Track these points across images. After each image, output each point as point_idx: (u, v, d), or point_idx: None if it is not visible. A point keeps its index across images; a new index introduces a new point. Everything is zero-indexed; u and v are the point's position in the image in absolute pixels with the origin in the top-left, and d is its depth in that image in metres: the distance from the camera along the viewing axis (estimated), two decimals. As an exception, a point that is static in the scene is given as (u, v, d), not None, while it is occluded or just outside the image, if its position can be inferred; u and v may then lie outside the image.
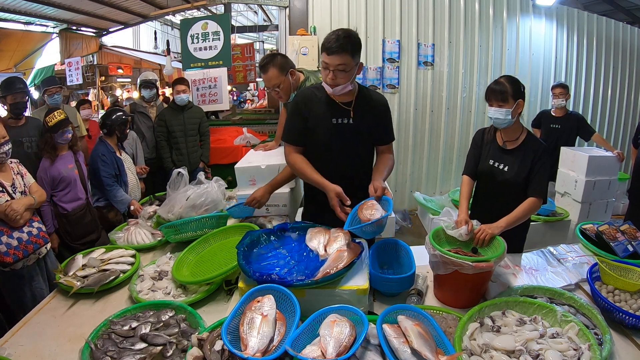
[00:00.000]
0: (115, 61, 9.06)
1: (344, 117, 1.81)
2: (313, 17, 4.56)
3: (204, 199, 2.22)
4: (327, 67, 1.68)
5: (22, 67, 7.02)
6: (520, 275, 1.81)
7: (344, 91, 1.74)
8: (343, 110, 1.81)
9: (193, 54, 4.78)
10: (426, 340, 1.14)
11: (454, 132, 4.99)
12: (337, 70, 1.66)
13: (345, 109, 1.81)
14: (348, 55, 1.64)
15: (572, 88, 5.10)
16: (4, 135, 2.09)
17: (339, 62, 1.64)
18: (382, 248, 1.85)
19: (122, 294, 1.77)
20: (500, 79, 1.92)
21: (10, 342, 1.45)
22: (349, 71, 1.68)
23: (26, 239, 2.08)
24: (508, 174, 1.96)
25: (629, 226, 2.03)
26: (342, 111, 1.81)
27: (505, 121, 1.89)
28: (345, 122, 1.81)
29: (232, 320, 1.24)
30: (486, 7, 4.71)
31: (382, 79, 4.72)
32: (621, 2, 7.36)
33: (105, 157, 2.86)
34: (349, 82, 1.71)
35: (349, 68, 1.67)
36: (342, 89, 1.72)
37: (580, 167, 3.51)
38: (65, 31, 7.07)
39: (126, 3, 6.64)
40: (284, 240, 1.70)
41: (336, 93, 1.74)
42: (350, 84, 1.73)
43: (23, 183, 2.21)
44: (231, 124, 5.34)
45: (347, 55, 1.64)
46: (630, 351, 1.34)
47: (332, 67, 1.66)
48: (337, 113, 1.81)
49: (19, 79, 3.07)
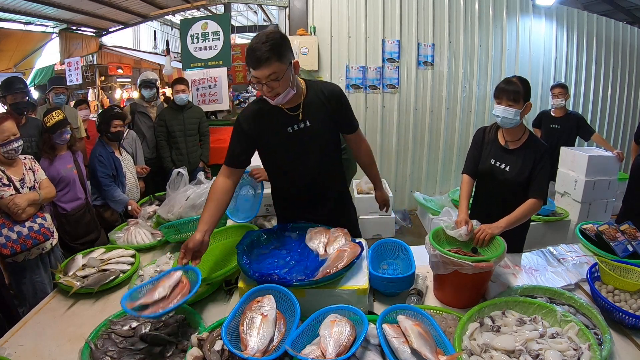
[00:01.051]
0: (115, 61, 9.07)
1: (298, 123, 1.66)
2: (313, 17, 4.56)
3: (203, 199, 2.21)
4: (259, 82, 1.50)
5: (22, 67, 7.03)
6: (520, 275, 1.81)
7: (287, 98, 1.56)
8: (294, 116, 1.65)
9: (193, 54, 4.78)
10: (426, 340, 1.14)
11: (454, 132, 4.99)
12: (270, 81, 1.48)
13: (296, 114, 1.65)
14: (275, 61, 1.45)
15: (572, 88, 5.10)
16: (15, 132, 2.14)
17: (268, 73, 1.46)
18: (382, 248, 1.85)
19: (122, 294, 1.76)
20: (513, 79, 1.88)
21: (10, 342, 1.45)
22: (284, 77, 1.49)
23: (26, 233, 2.10)
24: (509, 173, 1.95)
25: (629, 226, 2.03)
26: (293, 117, 1.65)
27: (513, 121, 1.88)
28: (301, 126, 1.66)
29: (232, 320, 1.24)
30: (486, 7, 4.72)
31: (382, 79, 4.72)
32: (621, 2, 7.37)
33: (102, 158, 2.86)
34: (289, 87, 1.53)
35: (282, 74, 1.48)
36: (284, 97, 1.54)
37: (580, 167, 3.51)
38: (65, 31, 7.07)
39: (126, 3, 6.65)
40: (284, 240, 1.70)
41: (279, 103, 1.57)
42: (292, 89, 1.55)
43: (34, 179, 2.26)
44: (231, 124, 5.33)
45: (275, 62, 1.45)
46: (630, 351, 1.34)
47: (264, 80, 1.48)
48: (289, 120, 1.66)
49: (18, 79, 3.08)
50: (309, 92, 1.67)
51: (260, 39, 1.44)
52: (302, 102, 1.65)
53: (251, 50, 1.44)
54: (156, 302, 1.29)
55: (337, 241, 1.60)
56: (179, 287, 1.36)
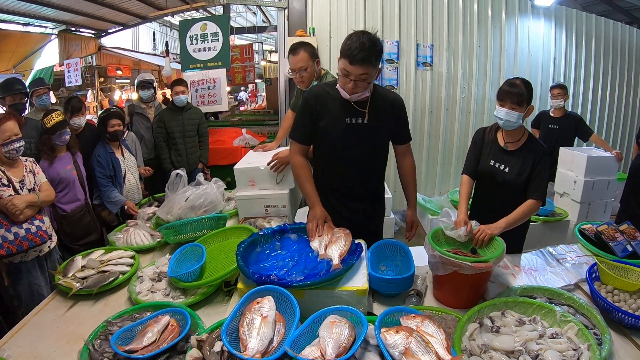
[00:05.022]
0: (114, 62, 9.06)
1: (358, 117, 1.74)
2: (312, 18, 4.56)
3: (203, 200, 2.22)
4: (347, 75, 1.58)
5: (21, 68, 7.01)
6: (520, 275, 1.81)
7: (361, 98, 1.67)
8: (358, 111, 1.74)
9: (192, 55, 4.78)
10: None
11: (453, 133, 4.99)
12: (359, 80, 1.57)
13: (360, 110, 1.73)
14: (371, 65, 1.55)
15: (571, 88, 5.10)
16: (17, 132, 2.13)
17: (361, 72, 1.55)
18: (381, 249, 1.85)
19: (121, 295, 1.77)
20: (517, 81, 1.87)
21: (10, 344, 1.45)
22: (370, 80, 1.60)
23: (23, 234, 2.10)
24: (509, 174, 1.96)
25: (628, 226, 2.03)
26: (357, 111, 1.74)
27: (516, 124, 1.88)
28: (359, 122, 1.74)
29: (232, 321, 1.24)
30: (485, 7, 4.72)
31: (381, 79, 4.71)
32: (619, 3, 7.37)
33: (101, 158, 2.86)
34: (367, 89, 1.64)
35: (371, 78, 1.59)
36: (359, 96, 1.64)
37: (579, 167, 3.52)
38: (64, 32, 7.06)
39: (125, 4, 6.64)
40: (283, 241, 1.70)
41: (353, 100, 1.67)
42: (369, 91, 1.66)
43: (34, 181, 2.25)
44: (230, 125, 5.34)
45: (371, 66, 1.55)
46: (629, 351, 1.34)
47: (354, 77, 1.57)
48: (352, 113, 1.74)
49: (17, 80, 3.08)
50: (375, 94, 1.74)
51: (369, 40, 1.52)
52: (369, 101, 1.73)
53: (357, 44, 1.51)
54: (145, 347, 1.30)
55: (337, 243, 1.60)
56: (168, 330, 1.38)
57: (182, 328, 1.39)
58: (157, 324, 1.39)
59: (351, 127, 1.75)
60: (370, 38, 1.55)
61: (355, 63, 1.53)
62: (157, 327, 1.37)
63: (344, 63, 1.57)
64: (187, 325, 1.39)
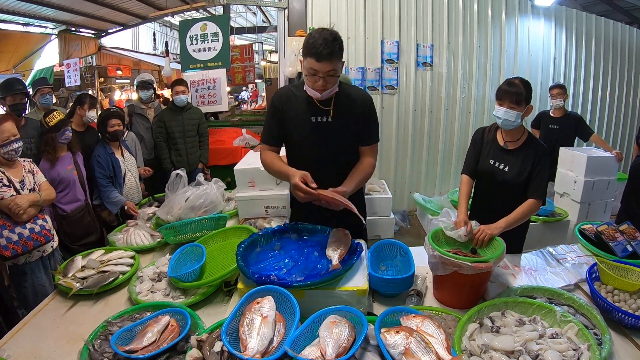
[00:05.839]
0: (114, 62, 9.05)
1: (323, 115, 1.73)
2: (312, 18, 4.56)
3: (203, 201, 2.23)
4: (315, 74, 1.58)
5: (21, 69, 7.01)
6: (520, 275, 1.81)
7: (331, 94, 1.67)
8: (322, 109, 1.73)
9: (192, 55, 4.79)
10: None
11: (453, 133, 4.99)
12: (328, 76, 1.58)
13: (325, 108, 1.72)
14: (337, 60, 1.57)
15: (571, 88, 5.10)
16: (15, 133, 2.14)
17: (330, 68, 1.56)
18: (381, 249, 1.85)
19: (121, 295, 1.77)
20: (515, 80, 1.88)
21: (10, 344, 1.45)
22: (338, 75, 1.61)
23: (27, 235, 2.10)
24: (508, 174, 1.96)
25: (628, 226, 2.04)
26: (321, 110, 1.73)
27: (514, 124, 1.89)
28: (325, 120, 1.74)
29: (232, 321, 1.24)
30: (485, 8, 4.72)
31: (381, 80, 4.72)
32: (619, 3, 7.37)
33: (101, 158, 2.86)
34: (336, 85, 1.64)
35: (338, 72, 1.61)
36: (329, 92, 1.65)
37: (579, 167, 3.52)
38: (64, 32, 7.06)
39: (125, 4, 6.64)
40: (283, 241, 1.70)
41: (323, 97, 1.66)
42: (336, 87, 1.66)
43: (33, 181, 2.25)
44: (230, 125, 5.34)
45: (337, 60, 1.57)
46: (629, 351, 1.34)
47: (322, 74, 1.57)
48: (317, 111, 1.73)
49: (18, 80, 3.07)
50: (340, 91, 1.73)
51: (329, 36, 1.53)
52: (333, 98, 1.71)
53: (318, 44, 1.52)
54: (145, 347, 1.31)
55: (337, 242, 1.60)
56: (168, 330, 1.38)
57: (182, 328, 1.39)
58: (157, 324, 1.39)
59: (317, 125, 1.74)
60: (331, 32, 1.56)
61: (322, 60, 1.53)
62: (157, 327, 1.37)
63: (310, 62, 1.57)
64: (187, 326, 1.39)
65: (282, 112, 1.77)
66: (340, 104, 1.73)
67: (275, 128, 1.80)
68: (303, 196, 1.56)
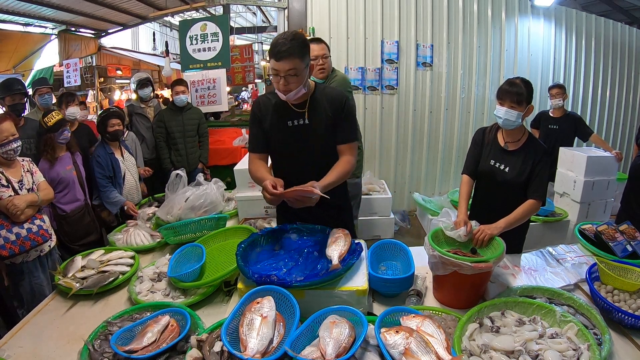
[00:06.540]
0: (114, 62, 9.07)
1: (299, 119, 1.74)
2: (312, 19, 4.56)
3: (202, 201, 2.23)
4: (277, 74, 1.60)
5: (20, 69, 7.01)
6: (520, 275, 1.81)
7: (298, 96, 1.66)
8: (297, 112, 1.74)
9: (192, 55, 4.79)
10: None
11: (453, 133, 4.99)
12: (288, 75, 1.58)
13: (299, 111, 1.74)
14: (297, 58, 1.56)
15: (571, 89, 5.10)
16: (14, 132, 2.13)
17: (289, 67, 1.57)
18: (381, 249, 1.85)
19: (121, 295, 1.77)
20: (517, 80, 1.88)
21: (10, 344, 1.45)
22: (300, 75, 1.60)
23: (24, 235, 2.10)
24: (509, 174, 1.96)
25: (628, 226, 2.04)
26: (296, 113, 1.74)
27: (515, 123, 1.89)
28: (301, 123, 1.74)
29: (232, 321, 1.24)
30: (484, 7, 4.72)
31: (380, 80, 4.72)
32: (619, 3, 7.37)
33: (100, 159, 2.86)
34: (301, 86, 1.64)
35: (300, 72, 1.59)
36: (295, 94, 1.64)
37: (579, 167, 3.51)
38: (64, 32, 7.07)
39: (125, 4, 6.65)
40: (283, 241, 1.70)
41: (290, 99, 1.67)
42: (303, 87, 1.66)
43: (32, 181, 2.25)
44: (230, 125, 5.34)
45: (297, 59, 1.56)
46: (629, 351, 1.34)
47: (283, 73, 1.58)
48: (292, 115, 1.75)
49: (17, 80, 3.07)
50: (315, 93, 1.76)
51: (288, 36, 1.57)
52: (308, 100, 1.74)
53: (277, 43, 1.55)
54: (145, 347, 1.31)
55: (337, 242, 1.60)
56: (167, 330, 1.38)
57: (182, 328, 1.39)
58: (157, 324, 1.39)
59: (293, 129, 1.75)
60: (292, 33, 1.59)
61: (280, 59, 1.55)
62: (157, 327, 1.37)
63: (272, 63, 1.60)
64: (187, 326, 1.39)
65: (261, 120, 1.79)
66: (314, 106, 1.75)
67: (259, 135, 1.82)
68: (270, 198, 1.59)
